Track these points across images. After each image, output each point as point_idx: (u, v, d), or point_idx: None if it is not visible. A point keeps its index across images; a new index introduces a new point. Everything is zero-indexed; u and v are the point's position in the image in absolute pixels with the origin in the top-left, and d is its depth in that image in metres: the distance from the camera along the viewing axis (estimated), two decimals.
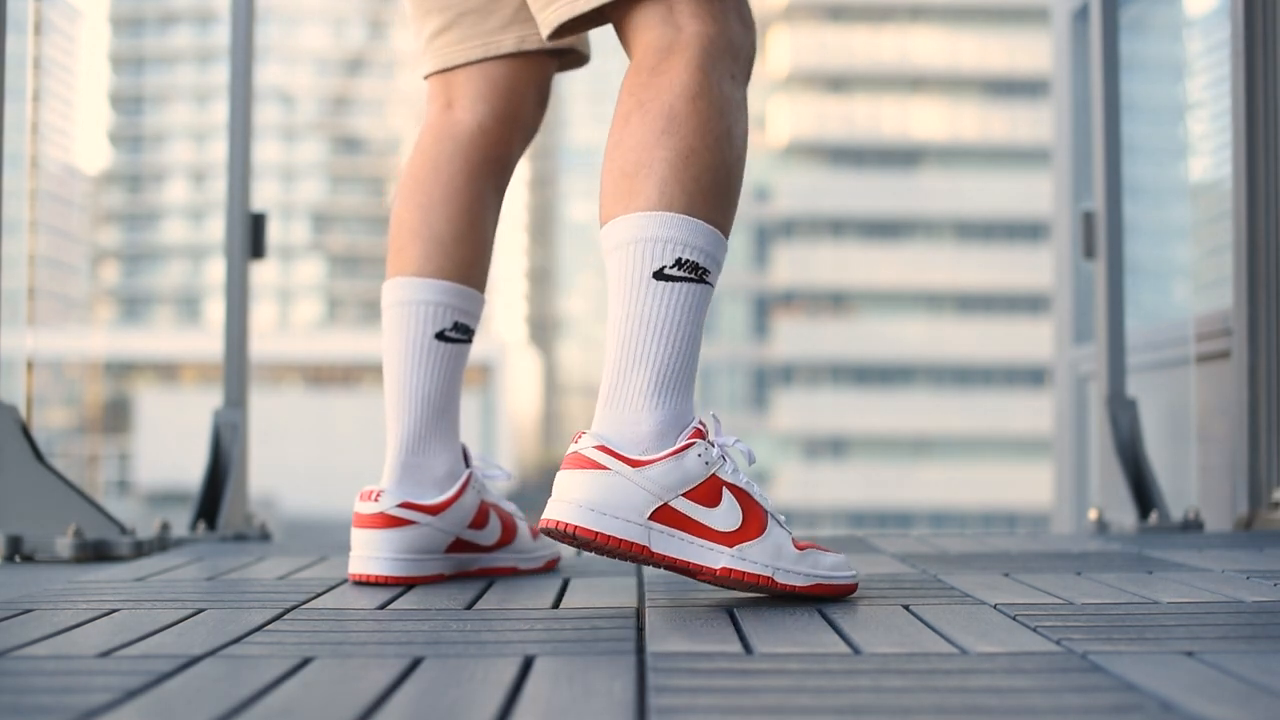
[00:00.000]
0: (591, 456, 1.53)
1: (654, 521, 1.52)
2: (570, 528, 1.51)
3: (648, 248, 1.56)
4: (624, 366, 1.56)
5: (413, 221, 1.91)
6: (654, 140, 1.58)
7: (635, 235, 1.56)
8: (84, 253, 51.27)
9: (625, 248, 1.57)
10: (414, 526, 1.81)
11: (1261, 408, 2.84)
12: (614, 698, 1.06)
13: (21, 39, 2.64)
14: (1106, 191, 3.06)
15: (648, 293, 1.56)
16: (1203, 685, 1.09)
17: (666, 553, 1.52)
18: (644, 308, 1.56)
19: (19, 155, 2.70)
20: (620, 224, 1.58)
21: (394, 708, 1.03)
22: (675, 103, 1.60)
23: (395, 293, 1.90)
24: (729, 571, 1.54)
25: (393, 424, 1.87)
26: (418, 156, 1.94)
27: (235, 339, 2.91)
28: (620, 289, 1.57)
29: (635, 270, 1.56)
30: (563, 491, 1.53)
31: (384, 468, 1.87)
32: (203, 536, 2.63)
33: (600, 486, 1.51)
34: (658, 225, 1.56)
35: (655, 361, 1.56)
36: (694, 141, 1.59)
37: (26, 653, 1.28)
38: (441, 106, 1.96)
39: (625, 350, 1.56)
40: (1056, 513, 4.80)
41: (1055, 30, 4.96)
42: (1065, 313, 4.73)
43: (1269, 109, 2.88)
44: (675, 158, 1.58)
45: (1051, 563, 2.00)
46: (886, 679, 1.12)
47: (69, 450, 41.76)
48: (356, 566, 1.81)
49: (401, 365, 1.88)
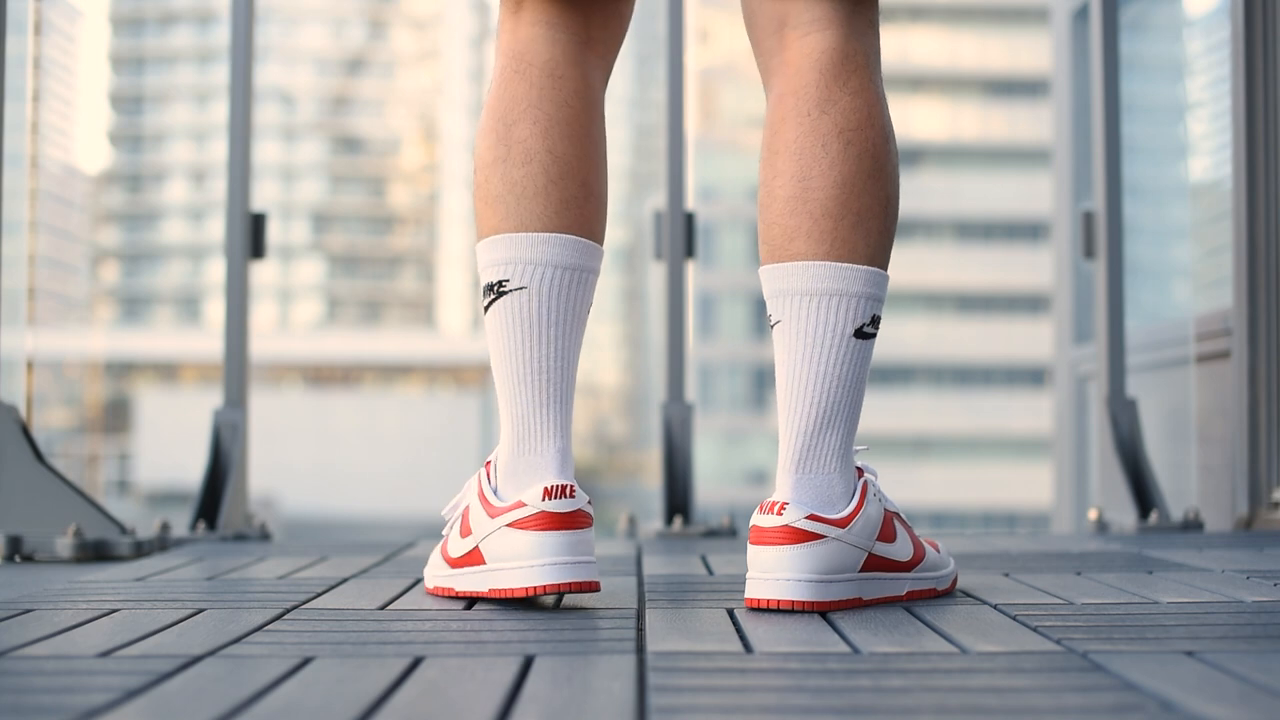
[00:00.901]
0: (807, 529, 1.51)
1: (863, 573, 1.56)
2: (806, 605, 1.49)
3: (852, 304, 1.54)
4: (819, 426, 1.55)
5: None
6: (863, 184, 1.55)
7: (840, 289, 1.53)
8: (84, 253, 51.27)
9: (827, 299, 1.53)
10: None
11: (1261, 408, 2.84)
12: (614, 697, 1.06)
13: (21, 39, 2.64)
14: (1106, 191, 3.06)
15: (848, 351, 1.54)
16: (1203, 685, 1.09)
17: (874, 596, 1.57)
18: (843, 366, 1.54)
19: (19, 155, 2.70)
20: (822, 270, 1.54)
21: (394, 708, 1.03)
22: (877, 140, 1.56)
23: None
24: (911, 594, 1.61)
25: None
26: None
27: (235, 339, 2.91)
28: (814, 343, 1.54)
29: (837, 326, 1.54)
30: (784, 568, 1.50)
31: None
32: (203, 536, 2.63)
33: (823, 557, 1.51)
34: (863, 282, 1.54)
35: (849, 420, 1.56)
36: (892, 190, 1.57)
37: (26, 653, 1.28)
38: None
39: (820, 410, 1.55)
40: (1056, 513, 4.81)
41: (1055, 30, 4.96)
42: (1065, 313, 4.73)
43: (1269, 109, 2.88)
44: (880, 208, 1.55)
45: (1051, 563, 2.00)
46: (886, 679, 1.12)
47: (69, 450, 41.76)
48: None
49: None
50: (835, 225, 1.54)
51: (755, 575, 1.53)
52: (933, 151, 44.18)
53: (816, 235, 1.54)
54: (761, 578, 1.52)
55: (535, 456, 1.58)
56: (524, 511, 1.53)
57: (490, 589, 1.56)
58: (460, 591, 1.62)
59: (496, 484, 1.60)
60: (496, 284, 1.59)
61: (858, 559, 1.55)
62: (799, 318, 1.55)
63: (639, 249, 47.57)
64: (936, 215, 43.21)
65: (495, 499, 1.58)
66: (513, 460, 1.59)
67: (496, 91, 1.64)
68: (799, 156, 1.56)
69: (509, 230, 1.58)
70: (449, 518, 1.68)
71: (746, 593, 1.53)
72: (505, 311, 1.59)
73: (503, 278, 1.58)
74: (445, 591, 1.65)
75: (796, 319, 1.55)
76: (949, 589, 1.69)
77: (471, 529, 1.60)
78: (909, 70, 43.84)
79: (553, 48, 1.62)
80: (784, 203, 1.56)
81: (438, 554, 1.69)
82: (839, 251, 1.54)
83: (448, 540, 1.66)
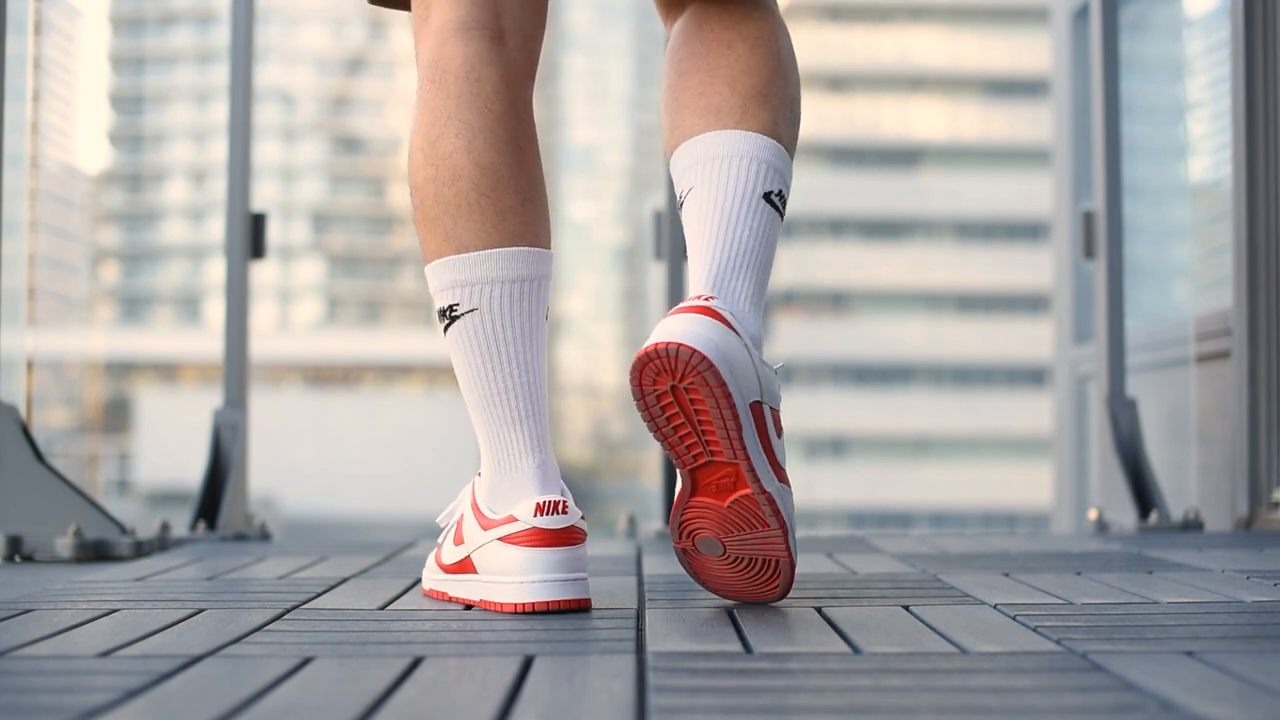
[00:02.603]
0: (725, 316, 1.43)
1: (752, 409, 1.44)
2: (692, 351, 1.39)
3: (761, 167, 1.56)
4: (734, 263, 1.53)
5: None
6: (771, 75, 1.59)
7: (754, 153, 1.56)
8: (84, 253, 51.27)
9: (741, 160, 1.55)
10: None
11: (1261, 408, 2.84)
12: (613, 697, 1.06)
13: (21, 39, 2.64)
14: (1106, 191, 3.06)
15: (758, 211, 1.56)
16: (1203, 685, 1.09)
17: (748, 446, 1.44)
18: (754, 220, 1.55)
19: (19, 155, 2.70)
20: (737, 136, 1.56)
21: (394, 708, 1.03)
22: (784, 52, 1.61)
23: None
24: (770, 497, 1.46)
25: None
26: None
27: (235, 339, 2.91)
28: (726, 196, 1.55)
29: (749, 183, 1.55)
30: (685, 327, 1.41)
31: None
32: (203, 536, 2.63)
33: (732, 344, 1.42)
34: (770, 151, 1.57)
35: (757, 276, 1.55)
36: (795, 94, 1.61)
37: (26, 653, 1.28)
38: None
39: (733, 250, 1.54)
40: (1056, 513, 4.81)
41: (1055, 30, 4.96)
42: (1065, 313, 4.73)
43: (1269, 109, 2.88)
44: (787, 104, 1.59)
45: (1051, 563, 2.00)
46: (886, 679, 1.12)
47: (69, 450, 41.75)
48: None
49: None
50: (743, 103, 1.57)
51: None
52: (933, 151, 44.17)
53: (725, 110, 1.57)
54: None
55: (517, 474, 1.56)
56: (515, 527, 1.52)
57: (481, 600, 1.57)
58: (454, 597, 1.63)
59: (486, 497, 1.59)
60: (448, 309, 1.56)
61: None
62: (711, 179, 1.56)
63: (639, 249, 47.57)
64: (936, 215, 43.20)
65: (488, 511, 1.57)
66: (495, 478, 1.58)
67: (418, 107, 1.60)
68: (705, 56, 1.60)
69: (450, 253, 1.54)
70: (444, 524, 1.69)
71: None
72: (461, 335, 1.55)
73: (452, 302, 1.55)
74: (440, 595, 1.66)
75: (707, 181, 1.56)
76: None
77: (464, 538, 1.60)
78: (909, 70, 43.84)
79: (465, 49, 1.57)
80: (692, 93, 1.59)
81: (433, 558, 1.70)
82: (747, 123, 1.57)
83: (442, 546, 1.67)
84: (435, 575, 1.68)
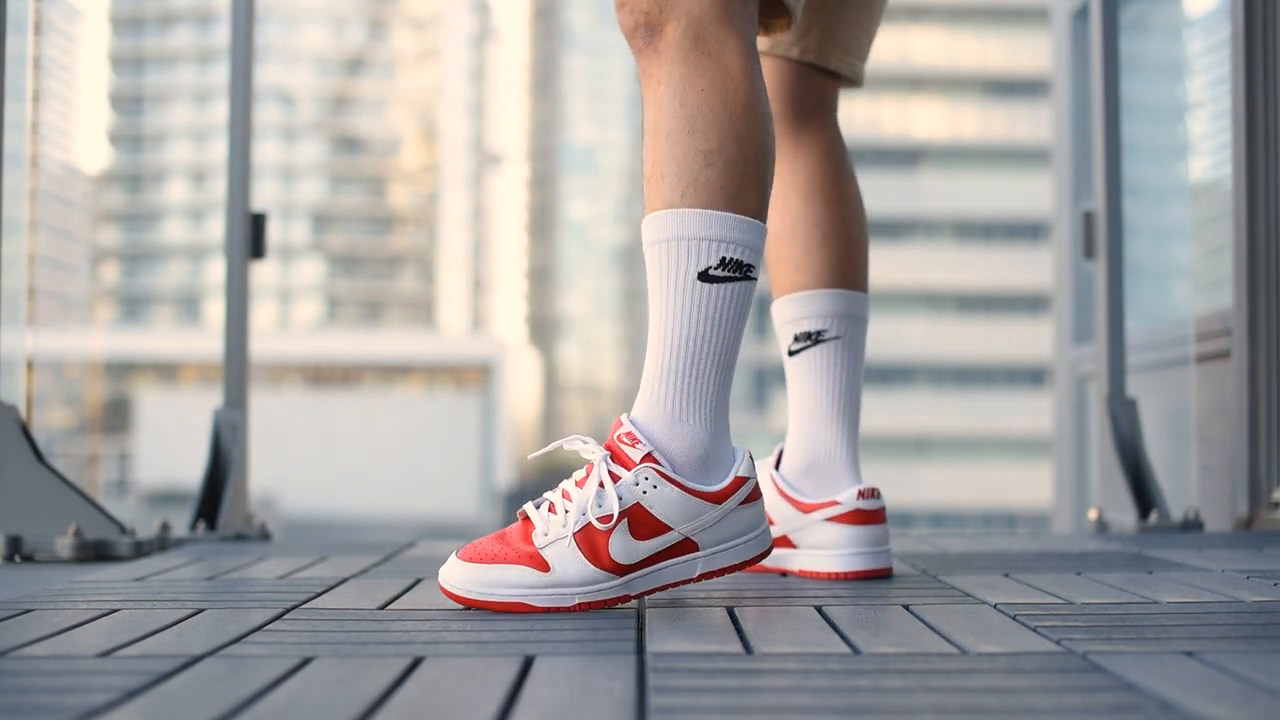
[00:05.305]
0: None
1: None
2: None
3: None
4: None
5: None
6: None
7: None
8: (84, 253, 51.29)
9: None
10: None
11: (1261, 408, 2.84)
12: (614, 698, 1.06)
13: (21, 39, 2.64)
14: (1106, 191, 3.06)
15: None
16: (1203, 685, 1.09)
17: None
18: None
19: (19, 155, 2.70)
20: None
21: (394, 708, 1.03)
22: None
23: None
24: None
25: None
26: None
27: (235, 339, 2.91)
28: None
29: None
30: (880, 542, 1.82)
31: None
32: (203, 536, 2.63)
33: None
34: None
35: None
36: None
37: (26, 653, 1.28)
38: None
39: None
40: (1056, 513, 4.81)
41: (1055, 30, 4.96)
42: (1065, 313, 4.73)
43: (1269, 109, 2.88)
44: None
45: (1051, 563, 2.00)
46: (886, 679, 1.12)
47: (69, 450, 41.79)
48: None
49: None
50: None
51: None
52: (933, 151, 44.20)
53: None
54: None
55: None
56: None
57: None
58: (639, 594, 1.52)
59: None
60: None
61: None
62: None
63: (639, 249, 47.60)
64: (936, 215, 43.23)
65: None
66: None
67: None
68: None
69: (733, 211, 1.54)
70: (587, 518, 1.51)
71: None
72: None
73: (736, 257, 1.51)
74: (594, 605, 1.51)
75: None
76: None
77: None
78: (909, 70, 43.86)
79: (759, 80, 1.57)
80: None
81: (573, 561, 1.50)
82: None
83: (593, 543, 1.50)
84: (585, 578, 1.50)
